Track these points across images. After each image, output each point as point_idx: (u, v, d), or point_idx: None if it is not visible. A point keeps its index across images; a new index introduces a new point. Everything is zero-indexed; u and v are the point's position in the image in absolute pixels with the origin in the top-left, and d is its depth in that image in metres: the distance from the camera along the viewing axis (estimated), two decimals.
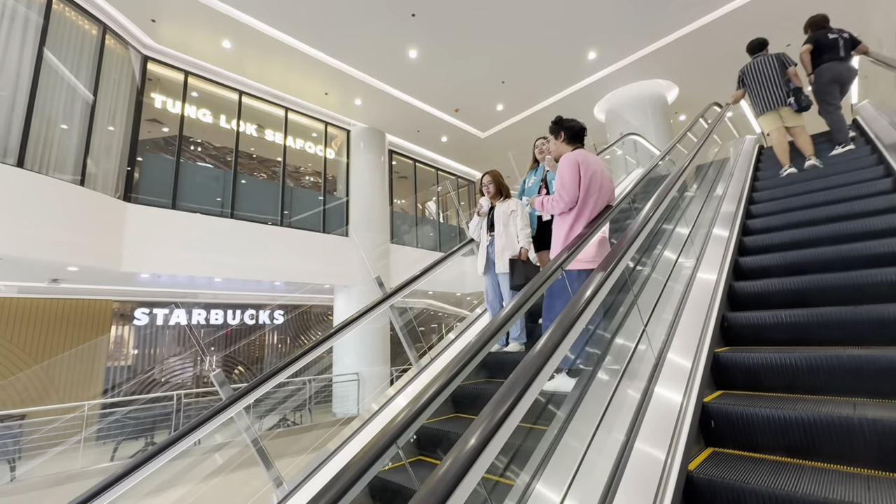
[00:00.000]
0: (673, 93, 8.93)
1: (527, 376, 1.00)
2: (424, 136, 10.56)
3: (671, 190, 2.25)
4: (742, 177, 4.02)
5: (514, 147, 11.12)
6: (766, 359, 1.83)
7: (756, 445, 1.55)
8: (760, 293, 2.39)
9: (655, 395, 1.62)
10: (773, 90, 4.29)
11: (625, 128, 8.27)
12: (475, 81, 8.14)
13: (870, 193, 2.97)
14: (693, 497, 1.37)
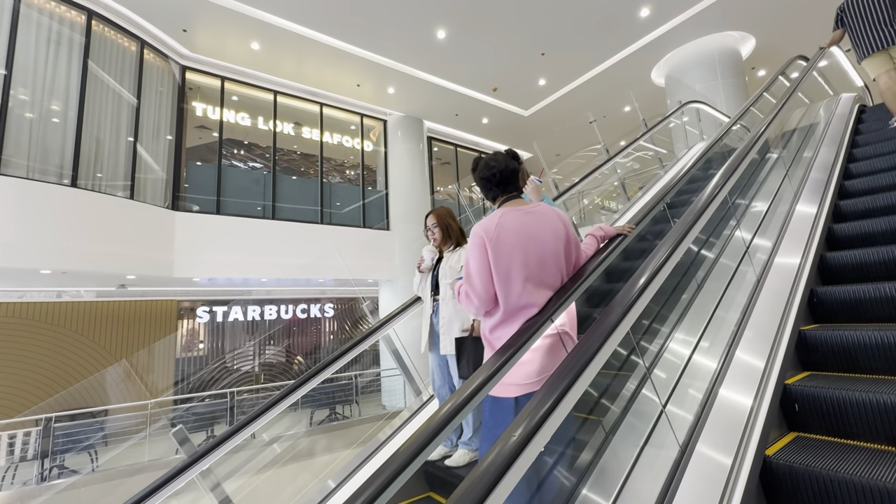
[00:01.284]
0: (748, 45, 8.04)
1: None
2: (464, 120, 10.62)
3: (719, 192, 1.86)
4: (837, 139, 3.62)
5: (563, 123, 10.85)
6: (862, 336, 1.74)
7: (846, 433, 1.50)
8: (858, 264, 2.22)
9: (730, 371, 1.62)
10: (881, 26, 3.78)
11: (687, 92, 7.59)
12: (511, 57, 8.01)
13: None
14: (773, 481, 1.37)
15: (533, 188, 2.09)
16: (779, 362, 1.67)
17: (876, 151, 3.30)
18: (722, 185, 1.91)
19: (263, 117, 8.75)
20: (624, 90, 9.03)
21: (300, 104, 9.18)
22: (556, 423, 0.93)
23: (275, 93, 8.72)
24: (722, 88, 7.57)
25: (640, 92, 9.25)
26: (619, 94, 9.30)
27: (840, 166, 3.13)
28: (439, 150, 11.69)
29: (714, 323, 1.87)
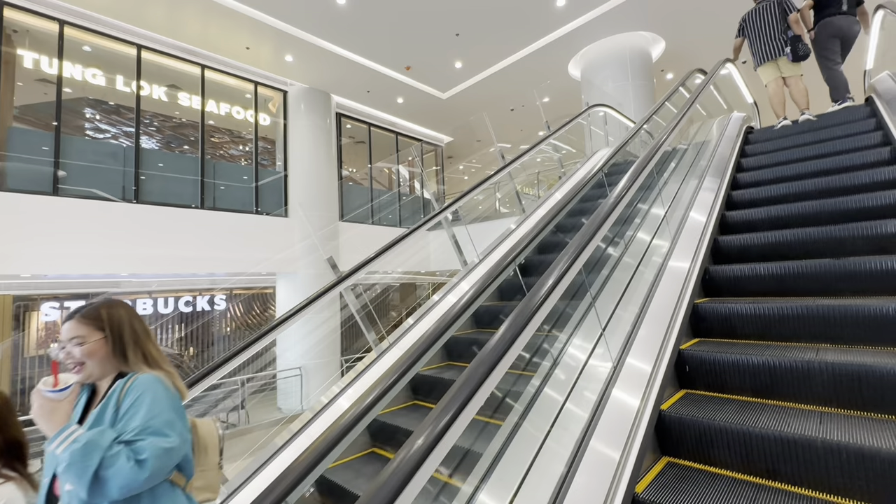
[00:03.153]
0: (659, 47, 9.08)
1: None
2: (377, 98, 10.49)
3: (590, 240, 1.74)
4: (730, 145, 4.27)
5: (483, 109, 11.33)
6: (740, 308, 2.16)
7: (724, 387, 1.88)
8: (743, 246, 2.80)
9: (638, 337, 1.95)
10: (771, 39, 4.69)
11: (598, 93, 8.48)
12: (424, 34, 8.14)
13: (859, 147, 3.38)
14: (665, 430, 1.69)
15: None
16: (676, 331, 2.01)
17: (760, 163, 4.02)
18: (616, 203, 2.01)
19: (125, 76, 7.61)
20: (542, 81, 9.72)
21: (176, 64, 8.18)
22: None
23: (139, 47, 7.63)
24: (632, 89, 8.50)
25: (558, 84, 10.06)
26: (537, 84, 10.01)
27: (732, 168, 3.81)
28: (352, 127, 11.40)
29: (625, 299, 2.21)
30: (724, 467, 1.57)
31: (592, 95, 8.56)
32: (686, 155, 3.92)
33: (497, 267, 1.89)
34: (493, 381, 1.12)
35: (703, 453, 1.62)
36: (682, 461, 1.65)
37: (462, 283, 3.69)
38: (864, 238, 2.35)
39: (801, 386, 1.73)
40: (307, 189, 9.37)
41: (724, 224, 3.14)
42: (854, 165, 3.12)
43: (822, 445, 1.40)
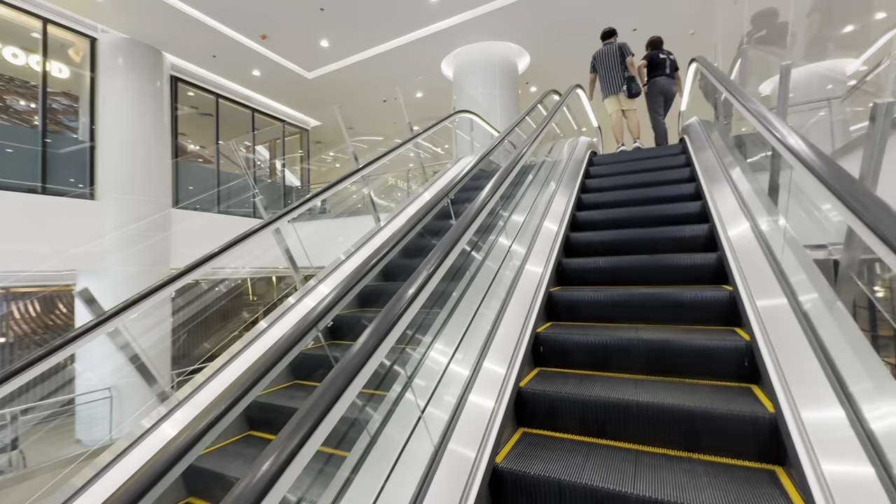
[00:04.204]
0: (524, 60, 9.96)
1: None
2: (227, 65, 9.45)
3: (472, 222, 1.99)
4: (580, 161, 5.10)
5: (353, 96, 11.09)
6: (583, 296, 2.61)
7: (570, 363, 2.26)
8: (588, 242, 3.40)
9: (502, 324, 2.20)
10: (614, 76, 5.92)
11: (468, 96, 9.13)
12: (284, 2, 7.66)
13: (671, 166, 4.46)
14: (522, 404, 1.98)
15: None
16: (534, 316, 2.33)
17: (602, 173, 4.94)
18: (478, 212, 2.12)
19: None
20: (415, 75, 10.02)
21: None
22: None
23: None
24: (499, 98, 9.29)
25: (432, 82, 10.52)
26: (411, 77, 10.27)
27: (580, 180, 4.54)
28: (196, 96, 10.00)
29: (491, 291, 2.47)
30: (567, 432, 1.90)
31: (463, 98, 9.16)
32: (542, 169, 4.52)
33: (357, 273, 1.91)
34: (343, 405, 1.09)
35: (551, 422, 1.93)
36: (536, 430, 1.94)
37: (321, 286, 3.52)
38: (669, 239, 3.07)
39: (624, 359, 2.19)
40: (126, 165, 7.92)
41: (574, 224, 3.74)
42: (667, 181, 4.08)
43: (637, 406, 1.80)
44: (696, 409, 1.69)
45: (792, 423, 1.42)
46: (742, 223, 2.66)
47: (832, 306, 1.66)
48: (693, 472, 1.54)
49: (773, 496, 1.34)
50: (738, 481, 1.46)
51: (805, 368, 1.57)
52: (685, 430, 1.70)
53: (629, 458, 1.68)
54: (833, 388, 1.43)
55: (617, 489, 1.46)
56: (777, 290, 2.00)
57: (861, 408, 1.31)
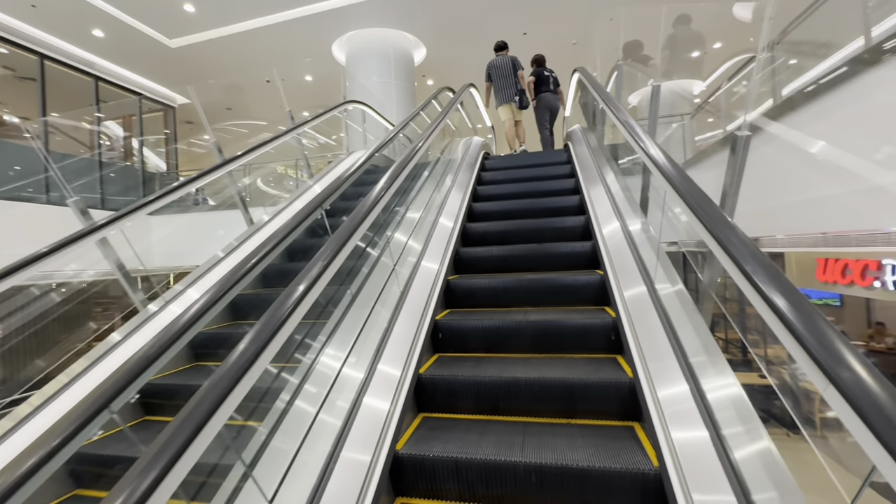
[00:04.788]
0: (421, 52, 9.70)
1: None
2: (54, 20, 7.77)
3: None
4: (475, 157, 5.36)
5: (233, 74, 10.08)
6: (478, 283, 2.77)
7: (467, 348, 2.39)
8: (483, 232, 3.59)
9: (401, 315, 2.23)
10: (507, 87, 6.47)
11: (360, 85, 8.73)
12: None
13: (556, 163, 4.93)
14: (422, 390, 2.05)
15: None
16: (433, 304, 2.42)
17: (496, 170, 5.19)
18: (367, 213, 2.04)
19: None
20: (304, 56, 9.42)
21: None
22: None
23: None
24: (395, 88, 9.01)
25: (323, 65, 9.93)
26: (298, 57, 9.60)
27: (475, 175, 4.71)
28: (11, 55, 8.05)
29: (391, 282, 2.48)
30: (465, 412, 2.03)
31: (355, 87, 8.75)
32: (438, 165, 4.56)
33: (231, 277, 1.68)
34: (210, 432, 0.95)
35: (450, 404, 2.04)
36: (436, 414, 2.03)
37: (191, 290, 3.07)
38: (553, 229, 3.39)
39: (514, 341, 2.39)
40: None
41: (471, 215, 3.92)
42: (552, 175, 4.50)
43: (525, 383, 1.99)
44: (573, 381, 1.92)
45: (646, 386, 1.70)
46: (611, 216, 3.04)
47: (679, 291, 2.01)
48: (571, 435, 1.76)
49: (632, 448, 1.60)
50: (606, 438, 1.71)
51: (657, 342, 1.87)
52: (564, 400, 1.93)
53: (518, 430, 1.85)
54: (678, 358, 1.74)
55: (508, 459, 1.61)
56: (637, 276, 2.34)
57: (697, 375, 1.61)
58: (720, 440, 1.35)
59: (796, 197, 4.76)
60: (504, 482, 1.61)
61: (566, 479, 1.55)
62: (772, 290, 0.95)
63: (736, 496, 1.20)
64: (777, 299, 0.92)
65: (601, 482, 1.51)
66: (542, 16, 8.67)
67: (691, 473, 1.32)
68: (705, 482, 1.28)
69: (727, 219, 1.28)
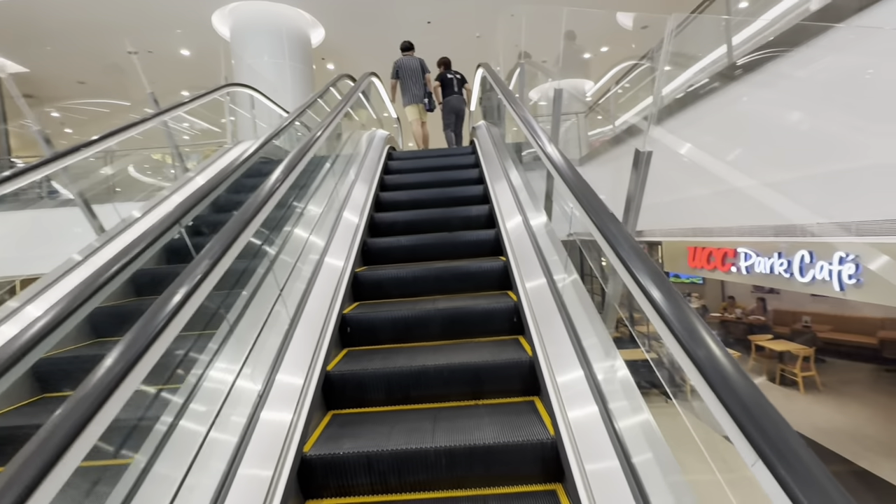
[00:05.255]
0: (318, 33, 9.12)
1: None
2: None
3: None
4: (379, 150, 5.20)
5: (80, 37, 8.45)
6: (387, 273, 2.77)
7: (377, 340, 2.40)
8: (392, 222, 3.56)
9: (306, 311, 2.16)
10: (415, 88, 6.65)
11: (247, 66, 7.81)
12: None
13: (463, 154, 5.10)
14: (330, 387, 2.00)
15: None
16: (340, 298, 2.36)
17: (405, 156, 5.14)
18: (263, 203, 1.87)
19: None
20: (176, 27, 8.36)
21: None
22: None
23: None
24: (290, 71, 8.21)
25: (202, 38, 8.75)
26: (168, 27, 8.41)
27: (382, 162, 4.64)
28: None
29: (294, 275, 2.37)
30: (376, 405, 2.02)
31: (242, 67, 7.92)
32: (340, 158, 4.29)
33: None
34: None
35: (361, 398, 2.02)
36: (346, 410, 2.00)
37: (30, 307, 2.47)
38: (460, 218, 3.49)
39: (424, 329, 2.43)
40: None
41: (379, 205, 3.87)
42: (459, 165, 4.65)
43: (434, 370, 2.04)
44: (479, 364, 2.02)
45: (544, 365, 1.85)
46: (513, 206, 3.22)
47: (573, 276, 2.20)
48: (478, 415, 1.85)
49: (531, 420, 1.73)
50: (509, 414, 1.82)
51: (553, 321, 2.04)
52: (472, 383, 2.01)
53: (430, 416, 1.90)
54: (570, 338, 1.91)
55: (419, 447, 1.64)
56: (536, 262, 2.52)
57: (588, 352, 1.79)
58: (606, 411, 1.52)
59: (672, 196, 5.44)
60: (416, 469, 1.64)
61: (474, 458, 1.63)
62: (648, 282, 1.06)
63: (615, 451, 1.37)
64: (653, 291, 1.03)
65: (506, 456, 1.62)
66: (446, 5, 8.73)
67: (582, 439, 1.47)
68: (594, 447, 1.44)
69: (609, 211, 1.42)
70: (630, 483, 1.27)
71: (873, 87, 2.59)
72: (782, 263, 4.59)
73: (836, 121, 2.89)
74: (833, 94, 2.95)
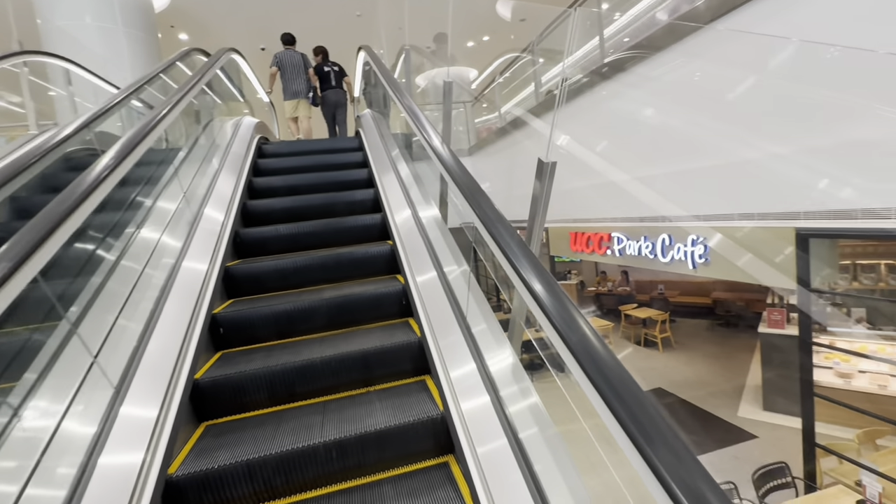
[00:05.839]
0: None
1: None
2: None
3: None
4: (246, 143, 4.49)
5: None
6: (265, 266, 2.60)
7: (256, 338, 2.22)
8: (268, 210, 3.31)
9: (163, 317, 1.90)
10: (299, 82, 6.46)
11: (62, 24, 6.09)
12: None
13: (348, 147, 4.87)
14: (201, 397, 1.81)
15: None
16: (209, 297, 2.13)
17: (282, 150, 4.70)
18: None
19: None
20: None
21: None
22: None
23: None
24: (126, 40, 6.68)
25: None
26: None
27: (252, 157, 4.17)
28: None
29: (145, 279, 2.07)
30: (258, 407, 1.88)
31: (51, 30, 6.24)
32: (200, 148, 3.68)
33: None
34: None
35: (240, 403, 1.86)
36: (222, 419, 1.82)
37: None
38: (344, 203, 3.38)
39: (310, 321, 2.32)
40: None
41: (253, 190, 3.58)
42: (342, 148, 4.54)
43: (321, 362, 1.96)
44: (369, 350, 1.99)
45: (432, 343, 1.89)
46: (398, 191, 3.21)
47: (458, 258, 2.26)
48: (370, 402, 1.83)
49: (423, 399, 1.76)
50: (402, 395, 1.83)
51: (439, 302, 2.10)
52: (362, 370, 1.98)
53: (318, 410, 1.82)
54: (455, 316, 1.98)
55: (306, 444, 1.56)
56: (422, 245, 2.55)
57: (472, 329, 1.87)
58: (490, 381, 1.61)
59: (556, 187, 5.88)
60: (304, 467, 1.57)
61: (366, 446, 1.61)
62: (529, 275, 1.10)
63: (498, 417, 1.45)
64: (535, 284, 1.07)
65: (398, 437, 1.63)
66: None
67: (469, 410, 1.54)
68: (480, 416, 1.51)
69: (490, 201, 1.48)
70: (511, 444, 1.36)
71: (719, 92, 3.08)
72: (648, 246, 5.25)
73: (692, 123, 3.39)
74: (687, 98, 3.47)
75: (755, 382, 7.27)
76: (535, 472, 1.29)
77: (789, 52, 2.58)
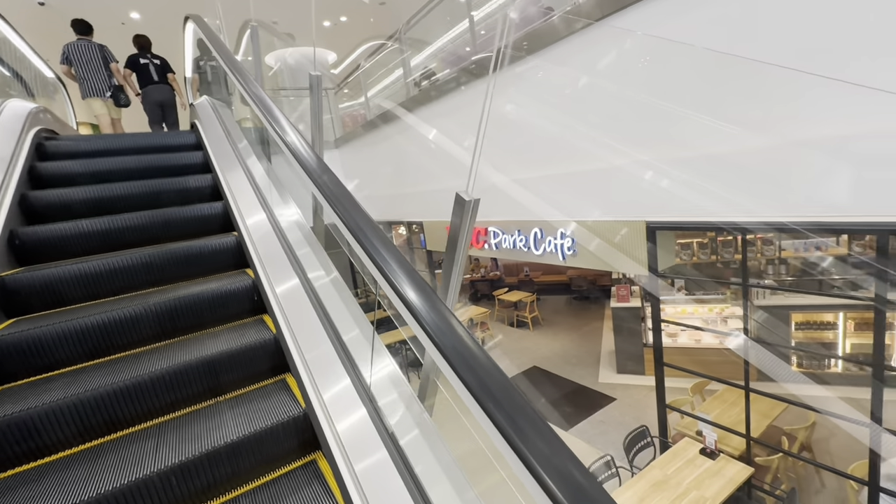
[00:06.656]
0: None
1: None
2: None
3: None
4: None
5: None
6: (63, 272, 2.13)
7: (56, 363, 1.81)
8: (64, 204, 2.70)
9: None
10: (96, 79, 5.41)
11: None
12: None
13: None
14: None
15: None
16: None
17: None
18: None
19: None
20: None
21: None
22: None
23: None
24: None
25: None
26: None
27: (28, 150, 3.41)
28: None
29: None
30: (64, 448, 1.52)
31: None
32: None
33: None
34: None
35: (33, 448, 1.47)
36: (9, 472, 1.42)
37: None
38: (175, 191, 2.95)
39: (133, 334, 1.96)
40: None
41: (38, 179, 2.91)
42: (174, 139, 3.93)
43: (151, 379, 1.66)
44: (215, 356, 1.76)
45: (290, 338, 1.74)
46: (241, 175, 2.90)
47: (317, 250, 2.11)
48: (218, 413, 1.61)
49: (283, 399, 1.62)
50: (259, 400, 1.66)
51: (296, 294, 1.94)
52: (208, 379, 1.74)
53: (152, 435, 1.55)
54: (314, 306, 1.85)
55: (136, 478, 1.32)
56: (273, 236, 2.33)
57: (334, 320, 1.77)
58: (354, 370, 1.52)
59: (428, 186, 5.93)
60: None
61: (217, 461, 1.42)
62: (400, 281, 1.08)
63: (364, 404, 1.39)
64: (409, 292, 1.04)
65: (256, 444, 1.47)
66: None
67: (332, 403, 1.43)
68: (343, 408, 1.43)
69: (353, 198, 1.40)
70: (378, 429, 1.31)
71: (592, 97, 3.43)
72: (522, 239, 5.61)
73: (567, 127, 3.72)
74: (560, 102, 3.78)
75: (609, 349, 8.37)
76: (400, 446, 1.27)
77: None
